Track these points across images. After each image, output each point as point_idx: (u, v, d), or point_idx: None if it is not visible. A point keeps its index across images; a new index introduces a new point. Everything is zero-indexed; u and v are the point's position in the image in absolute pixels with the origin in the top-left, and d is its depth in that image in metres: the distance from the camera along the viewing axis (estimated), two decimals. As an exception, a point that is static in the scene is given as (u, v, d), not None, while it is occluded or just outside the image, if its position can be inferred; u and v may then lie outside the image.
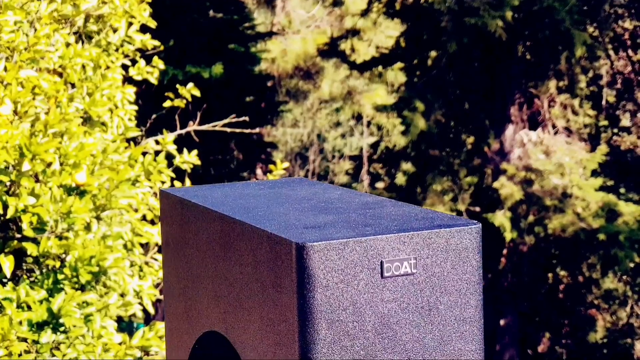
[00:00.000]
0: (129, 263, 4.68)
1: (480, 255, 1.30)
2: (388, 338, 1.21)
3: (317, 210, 1.34)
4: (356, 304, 1.18)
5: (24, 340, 3.72)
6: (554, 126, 13.33)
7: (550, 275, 13.61)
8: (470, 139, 13.28)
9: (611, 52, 13.67)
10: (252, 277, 1.23)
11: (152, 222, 4.92)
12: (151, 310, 4.50)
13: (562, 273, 13.58)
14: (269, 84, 15.49)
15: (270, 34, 15.45)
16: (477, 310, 1.29)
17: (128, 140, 4.89)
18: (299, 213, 1.33)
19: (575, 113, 13.63)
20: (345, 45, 14.73)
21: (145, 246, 5.27)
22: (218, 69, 11.48)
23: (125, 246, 4.55)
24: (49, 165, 4.01)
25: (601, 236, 11.92)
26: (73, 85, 4.66)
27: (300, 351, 1.15)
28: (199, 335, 1.39)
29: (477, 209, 13.04)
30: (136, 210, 4.69)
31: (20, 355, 3.66)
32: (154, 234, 4.68)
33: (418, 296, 1.23)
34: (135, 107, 4.96)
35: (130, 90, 4.94)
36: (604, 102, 13.76)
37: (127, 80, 5.29)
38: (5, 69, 4.00)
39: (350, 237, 1.20)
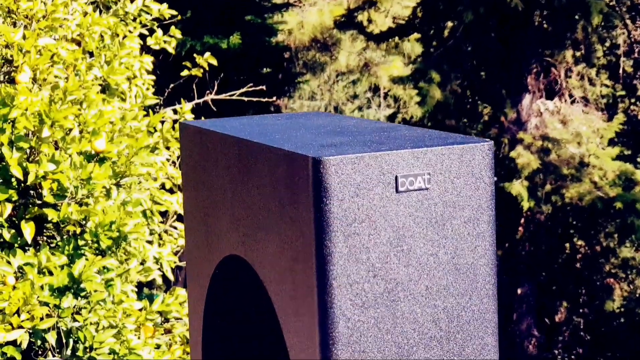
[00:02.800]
0: (148, 231, 4.72)
1: (492, 172, 1.32)
2: (403, 251, 1.22)
3: (334, 134, 1.36)
4: (371, 218, 1.19)
5: (46, 304, 3.77)
6: (570, 95, 13.29)
7: (567, 244, 13.60)
8: (487, 109, 13.26)
9: (628, 22, 13.60)
10: (270, 196, 1.25)
11: (171, 191, 4.95)
12: (171, 277, 4.54)
13: (580, 242, 13.57)
14: (286, 55, 15.47)
15: (286, 5, 15.42)
16: (489, 225, 1.31)
17: (146, 109, 4.92)
18: (315, 136, 1.34)
19: (592, 83, 13.58)
20: (362, 16, 14.69)
21: (164, 214, 5.31)
22: (235, 39, 11.48)
23: (144, 214, 4.59)
24: (68, 132, 4.05)
25: (618, 204, 11.90)
26: (91, 54, 4.69)
27: (317, 264, 1.16)
28: (219, 261, 1.41)
29: (495, 178, 13.02)
30: (155, 179, 4.73)
31: (42, 319, 3.70)
32: (173, 202, 4.71)
33: (432, 211, 1.25)
34: (153, 77, 4.98)
35: (148, 60, 4.96)
36: (621, 71, 13.69)
37: (145, 49, 5.31)
38: (24, 37, 4.03)
39: (365, 152, 1.22)
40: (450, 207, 1.26)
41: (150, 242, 4.60)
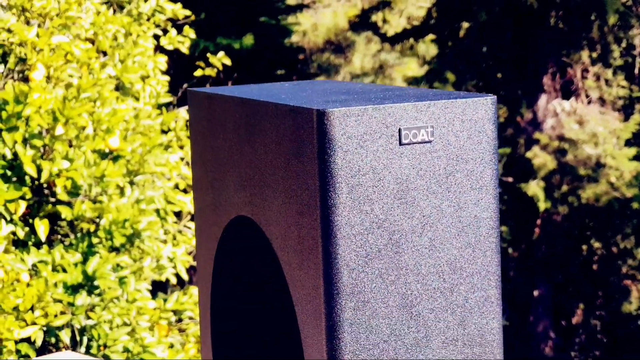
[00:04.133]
0: (163, 231, 4.72)
1: (495, 127, 1.34)
2: (406, 203, 1.24)
3: (339, 94, 1.39)
4: (375, 169, 1.21)
5: (59, 302, 3.77)
6: (587, 95, 13.25)
7: (584, 245, 13.56)
8: (503, 110, 13.23)
9: (645, 21, 13.55)
10: (276, 153, 1.27)
11: (185, 191, 4.95)
12: (185, 277, 4.54)
13: (597, 245, 13.53)
14: (300, 57, 15.48)
15: (301, 7, 15.44)
16: (492, 179, 1.33)
17: (160, 107, 4.92)
18: (321, 95, 1.37)
19: (608, 84, 13.54)
20: (376, 17, 14.69)
21: (178, 215, 5.31)
22: (249, 39, 11.49)
23: (158, 214, 4.59)
24: (82, 130, 4.05)
25: (635, 205, 11.86)
26: (105, 54, 4.69)
27: (321, 215, 1.18)
28: (227, 224, 1.43)
29: (510, 179, 13.01)
30: (169, 179, 4.73)
31: (55, 316, 3.70)
32: (187, 202, 4.70)
33: (435, 164, 1.26)
34: (167, 78, 4.98)
35: (162, 59, 4.96)
36: (636, 71, 13.65)
37: (159, 50, 5.31)
38: (38, 36, 4.04)
39: (369, 105, 1.24)
40: (454, 160, 1.28)
41: (164, 242, 4.60)
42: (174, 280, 4.66)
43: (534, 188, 12.27)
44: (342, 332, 1.17)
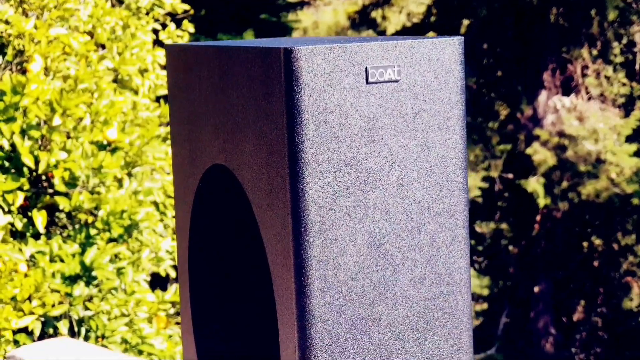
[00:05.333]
0: (162, 226, 4.73)
1: (462, 68, 1.36)
2: (374, 142, 1.25)
3: (310, 41, 1.40)
4: (342, 107, 1.23)
5: (57, 292, 3.78)
6: (587, 92, 13.26)
7: (584, 242, 13.57)
8: (503, 106, 13.24)
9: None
10: (247, 96, 1.28)
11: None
12: (184, 270, 4.55)
13: (597, 242, 13.53)
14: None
15: (301, 4, 15.45)
16: (459, 120, 1.34)
17: (158, 100, 4.93)
18: (292, 42, 1.38)
19: (609, 82, 13.54)
20: (376, 14, 14.70)
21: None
22: (249, 36, 11.51)
23: (157, 208, 4.60)
24: (79, 121, 4.06)
25: (635, 201, 11.87)
26: (103, 47, 4.70)
27: (289, 153, 1.20)
28: (202, 174, 1.44)
29: (510, 175, 13.01)
30: (169, 173, 4.74)
31: (53, 306, 3.71)
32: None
33: (402, 103, 1.28)
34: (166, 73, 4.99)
35: (161, 53, 4.96)
36: (637, 67, 13.65)
37: (158, 44, 5.32)
38: (35, 27, 4.04)
39: (335, 44, 1.26)
40: (421, 100, 1.29)
41: (163, 237, 4.61)
42: (173, 274, 4.67)
43: (534, 184, 12.28)
44: (310, 270, 1.19)
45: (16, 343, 3.70)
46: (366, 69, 1.27)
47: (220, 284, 1.49)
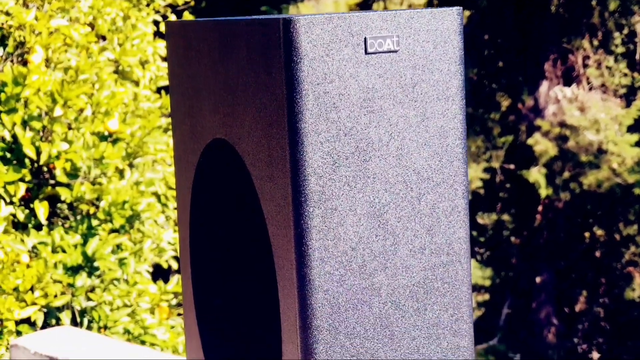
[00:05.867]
0: (164, 218, 4.73)
1: (461, 38, 1.36)
2: (373, 112, 1.25)
3: (310, 15, 1.40)
4: (342, 78, 1.23)
5: (59, 283, 3.79)
6: (588, 82, 13.24)
7: (586, 233, 13.57)
8: (505, 97, 13.23)
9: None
10: (247, 69, 1.28)
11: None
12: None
13: (599, 232, 13.53)
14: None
15: (302, -4, 15.43)
16: (458, 91, 1.35)
17: (159, 92, 4.93)
18: (292, 15, 1.38)
19: (611, 73, 13.52)
20: (377, 6, 14.69)
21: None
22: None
23: (159, 200, 4.60)
24: (80, 112, 4.07)
25: (637, 191, 11.86)
26: (104, 39, 4.70)
27: (288, 123, 1.20)
28: (203, 148, 1.44)
29: (512, 166, 13.01)
30: (170, 165, 4.74)
31: (55, 296, 3.72)
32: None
33: (401, 73, 1.28)
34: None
35: (161, 45, 4.96)
36: (637, 57, 13.64)
37: (159, 36, 5.32)
38: (36, 19, 4.05)
39: (334, 15, 1.26)
40: (420, 70, 1.29)
41: (164, 229, 4.61)
42: (175, 266, 4.67)
43: (536, 175, 12.27)
44: (310, 240, 1.19)
45: (19, 334, 3.71)
46: (365, 39, 1.27)
47: (222, 259, 1.49)
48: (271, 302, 1.32)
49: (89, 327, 3.93)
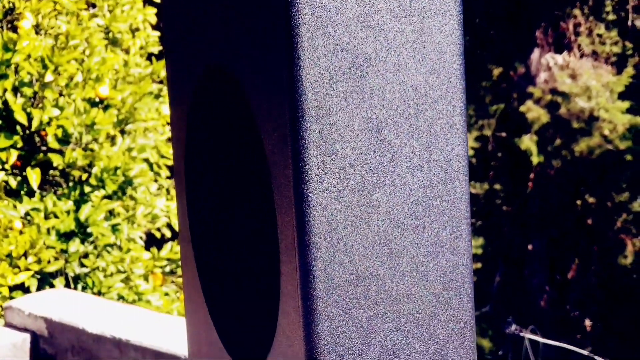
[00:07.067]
0: (156, 186, 4.72)
1: None
2: (370, 27, 1.25)
3: None
4: None
5: (53, 248, 3.78)
6: (580, 49, 13.23)
7: (578, 200, 13.60)
8: (496, 66, 13.22)
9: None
10: None
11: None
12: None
13: (591, 199, 13.56)
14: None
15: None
16: (455, 5, 1.34)
17: (149, 58, 4.91)
18: None
19: (602, 40, 13.51)
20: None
21: (172, 169, 5.30)
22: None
23: (151, 168, 4.59)
24: (71, 78, 4.05)
25: (628, 157, 11.89)
26: (94, 6, 4.68)
27: (285, 36, 1.18)
28: (198, 77, 1.43)
29: (504, 134, 13.01)
30: (162, 134, 4.73)
31: (49, 262, 3.72)
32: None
33: None
34: (158, 33, 4.96)
35: (151, 12, 4.94)
36: (629, 24, 13.62)
37: (148, 3, 5.29)
38: (25, -16, 4.02)
39: None
40: None
41: (158, 196, 4.61)
42: (168, 234, 4.67)
43: (527, 142, 12.28)
44: (307, 155, 1.18)
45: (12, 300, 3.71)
46: None
47: (219, 194, 1.48)
48: (268, 235, 1.31)
49: (82, 293, 3.94)
